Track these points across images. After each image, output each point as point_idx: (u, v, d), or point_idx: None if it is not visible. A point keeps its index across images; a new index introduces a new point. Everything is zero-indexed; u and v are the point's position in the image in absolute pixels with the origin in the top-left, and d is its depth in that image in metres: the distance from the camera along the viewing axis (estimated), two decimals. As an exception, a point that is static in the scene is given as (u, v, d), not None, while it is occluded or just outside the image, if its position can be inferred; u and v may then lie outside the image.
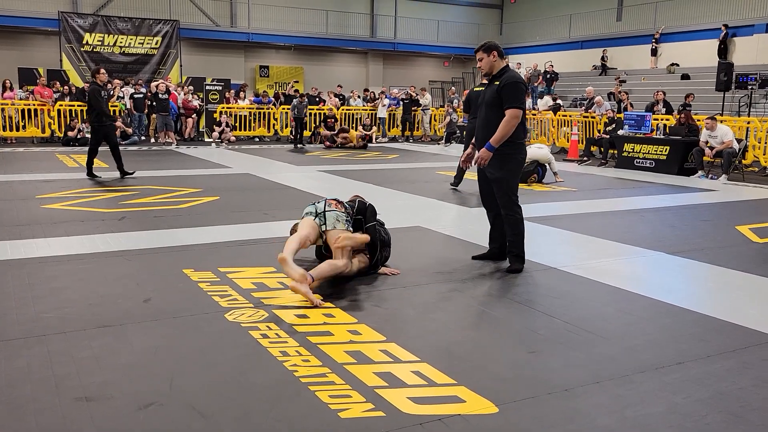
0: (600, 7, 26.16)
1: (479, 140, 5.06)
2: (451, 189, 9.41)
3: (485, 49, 5.00)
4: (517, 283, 4.78)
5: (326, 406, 2.80)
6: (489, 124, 4.94)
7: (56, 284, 4.42)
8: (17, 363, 3.14)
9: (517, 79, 4.94)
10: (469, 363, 3.31)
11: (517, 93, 4.85)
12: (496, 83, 4.93)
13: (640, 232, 6.78)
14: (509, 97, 4.84)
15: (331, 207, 4.70)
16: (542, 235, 6.50)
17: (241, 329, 3.68)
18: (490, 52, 4.98)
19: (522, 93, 4.91)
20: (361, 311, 4.03)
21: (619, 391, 3.00)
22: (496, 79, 4.96)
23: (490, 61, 4.99)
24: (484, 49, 5.00)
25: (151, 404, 2.77)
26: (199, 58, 24.63)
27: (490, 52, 4.97)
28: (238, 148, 15.84)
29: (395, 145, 18.13)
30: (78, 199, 7.90)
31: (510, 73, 4.99)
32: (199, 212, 7.13)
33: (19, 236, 5.80)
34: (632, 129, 13.42)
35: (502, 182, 5.00)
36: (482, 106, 5.11)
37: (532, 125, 17.38)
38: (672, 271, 5.26)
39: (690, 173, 12.05)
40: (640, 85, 21.53)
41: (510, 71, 5.01)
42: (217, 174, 10.76)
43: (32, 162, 11.94)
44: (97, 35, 21.87)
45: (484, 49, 5.01)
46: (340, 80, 24.69)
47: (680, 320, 4.02)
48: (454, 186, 9.48)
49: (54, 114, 16.35)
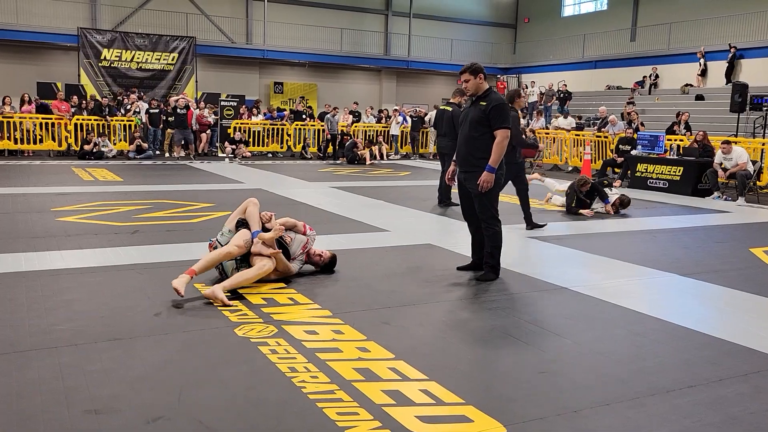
0: (614, 27, 26.22)
1: (461, 157, 5.34)
2: (442, 207, 9.38)
3: (472, 71, 5.23)
4: (527, 303, 4.76)
5: (333, 423, 2.79)
6: (470, 141, 5.22)
7: (69, 296, 4.46)
8: (29, 374, 3.17)
9: (504, 101, 5.25)
10: (478, 382, 3.30)
11: (505, 114, 5.13)
12: (482, 104, 5.16)
13: (652, 252, 6.74)
14: (498, 119, 5.10)
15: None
16: (554, 255, 6.48)
17: (251, 344, 3.69)
18: (477, 75, 5.22)
19: (508, 114, 5.21)
20: (370, 328, 4.02)
21: (629, 414, 2.97)
22: (482, 100, 5.20)
23: (477, 82, 5.24)
24: (471, 72, 5.23)
25: (159, 418, 2.78)
26: (215, 74, 24.92)
27: (477, 75, 5.22)
28: (252, 164, 15.96)
29: (407, 162, 18.18)
30: (92, 212, 7.99)
31: (495, 95, 5.24)
32: (210, 227, 7.17)
33: (34, 248, 5.87)
34: (645, 149, 13.38)
35: (483, 198, 5.20)
36: (465, 124, 5.32)
37: (545, 144, 17.37)
38: (684, 293, 5.22)
39: (704, 194, 11.97)
40: (653, 105, 21.48)
41: (494, 93, 5.26)
42: (230, 189, 10.84)
43: (48, 175, 12.09)
44: (115, 51, 22.21)
45: (471, 71, 5.23)
46: (353, 97, 24.84)
47: (692, 343, 3.98)
48: (445, 203, 9.46)
49: (71, 128, 16.57)
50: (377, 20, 29.05)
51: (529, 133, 16.38)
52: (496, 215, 5.28)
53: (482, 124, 5.13)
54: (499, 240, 5.29)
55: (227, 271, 4.82)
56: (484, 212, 5.25)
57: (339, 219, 8.05)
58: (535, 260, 6.25)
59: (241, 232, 4.86)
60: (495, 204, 5.29)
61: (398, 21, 29.15)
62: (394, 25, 29.10)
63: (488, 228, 5.27)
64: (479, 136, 5.15)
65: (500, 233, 5.30)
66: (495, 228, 5.26)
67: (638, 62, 24.61)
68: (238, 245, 4.74)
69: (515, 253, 6.40)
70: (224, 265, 4.82)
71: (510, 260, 6.05)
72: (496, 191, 5.29)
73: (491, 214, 5.25)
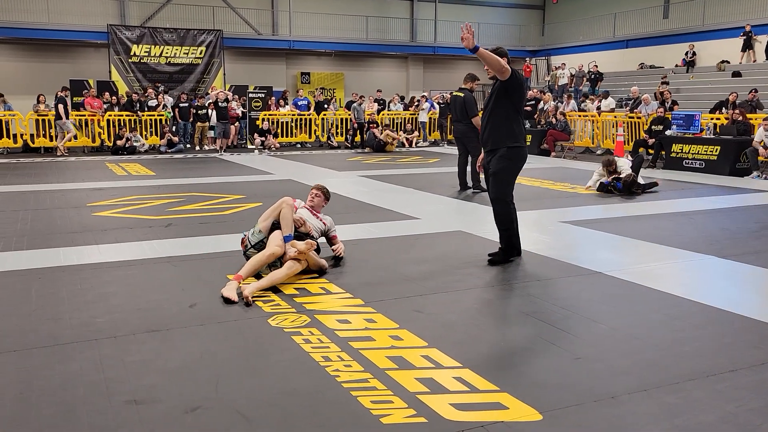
0: (646, 5, 25.58)
1: (484, 140, 5.40)
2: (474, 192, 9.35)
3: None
4: (560, 288, 4.71)
5: (368, 411, 2.80)
6: (492, 116, 5.29)
7: (107, 290, 4.55)
8: (70, 366, 3.25)
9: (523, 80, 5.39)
10: (512, 369, 3.27)
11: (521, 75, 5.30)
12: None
13: (689, 234, 6.60)
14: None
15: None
16: (587, 239, 6.38)
17: (284, 334, 3.72)
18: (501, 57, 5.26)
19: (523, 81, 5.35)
20: (403, 316, 4.02)
21: (669, 399, 2.92)
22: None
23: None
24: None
25: (197, 408, 2.82)
26: (242, 66, 25.08)
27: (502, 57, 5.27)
28: (281, 155, 16.06)
29: (436, 149, 18.09)
30: (127, 206, 8.13)
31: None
32: (242, 218, 7.24)
33: (72, 243, 6.00)
34: (680, 129, 13.08)
35: (497, 176, 5.28)
36: (490, 103, 5.36)
37: (576, 127, 17.09)
38: (723, 276, 5.10)
39: (742, 174, 11.67)
40: (688, 83, 20.96)
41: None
42: (259, 180, 10.92)
43: (83, 171, 12.34)
44: (144, 46, 22.49)
45: None
46: (380, 85, 24.77)
47: (732, 326, 3.89)
48: (476, 189, 9.43)
49: (104, 124, 16.87)
50: (403, 6, 28.84)
51: (559, 116, 16.14)
52: (506, 198, 5.31)
53: (503, 96, 5.24)
54: (507, 222, 5.32)
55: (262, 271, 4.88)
56: (495, 191, 5.31)
57: (369, 207, 8.05)
58: (568, 244, 6.17)
59: (275, 233, 4.93)
60: (507, 187, 5.33)
61: (424, 6, 28.89)
62: (420, 10, 28.86)
63: (494, 208, 5.34)
64: (500, 110, 5.25)
65: (506, 215, 5.31)
66: (501, 209, 5.30)
67: (672, 40, 23.99)
68: (279, 245, 4.84)
69: (547, 238, 6.33)
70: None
71: (542, 245, 5.99)
72: (513, 176, 5.34)
73: (500, 195, 5.29)
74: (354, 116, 18.09)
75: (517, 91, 5.23)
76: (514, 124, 5.27)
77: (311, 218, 5.31)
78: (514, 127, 5.26)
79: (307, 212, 5.34)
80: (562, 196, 9.26)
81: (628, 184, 9.16)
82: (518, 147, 5.28)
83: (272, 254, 4.78)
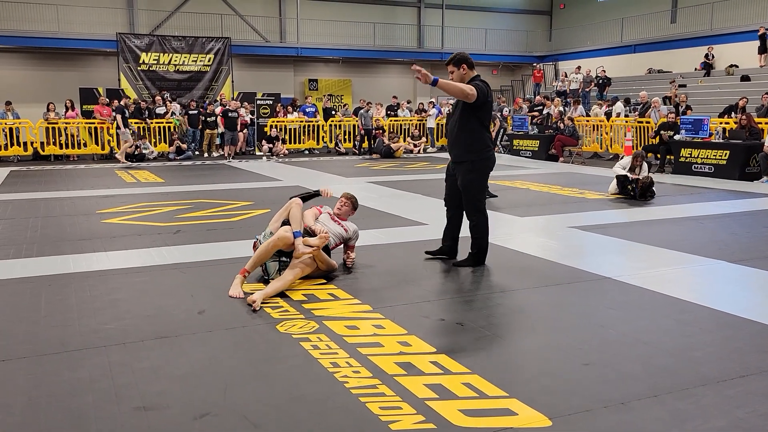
0: (653, 10, 25.53)
1: (450, 150, 5.41)
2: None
3: (455, 63, 5.21)
4: (569, 294, 4.69)
5: (377, 417, 2.80)
6: (458, 129, 5.20)
7: (116, 296, 4.57)
8: (79, 373, 3.26)
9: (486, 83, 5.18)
10: (521, 375, 3.26)
11: (485, 88, 5.07)
12: None
13: (699, 239, 6.56)
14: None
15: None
16: (596, 244, 6.36)
17: (292, 340, 3.72)
18: (459, 66, 5.19)
19: (488, 91, 5.13)
20: (411, 322, 4.02)
21: (679, 405, 2.90)
22: None
23: (461, 73, 5.18)
24: (454, 63, 5.21)
25: (206, 414, 2.83)
26: (250, 73, 25.20)
27: (460, 66, 5.19)
28: (288, 161, 16.10)
29: (444, 155, 18.07)
30: (135, 213, 8.17)
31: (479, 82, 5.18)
32: (251, 225, 7.26)
33: (81, 250, 6.03)
34: (689, 133, 13.02)
35: (468, 190, 5.27)
36: (455, 114, 5.29)
37: (584, 132, 17.05)
38: (734, 281, 5.07)
39: (752, 178, 11.60)
40: (697, 88, 20.87)
41: (480, 81, 5.17)
42: (268, 187, 10.95)
43: (92, 178, 12.41)
44: (153, 54, 22.65)
45: (453, 63, 5.22)
46: (388, 91, 24.79)
47: (743, 332, 3.86)
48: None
49: (113, 131, 16.97)
50: (410, 13, 28.91)
51: (567, 121, 16.11)
52: (481, 208, 5.32)
53: (468, 108, 5.11)
54: (483, 231, 5.34)
55: (270, 272, 4.88)
56: (468, 204, 5.32)
57: (377, 214, 8.06)
58: (577, 250, 6.15)
59: (283, 227, 4.90)
60: (480, 196, 5.34)
61: (431, 13, 28.96)
62: (427, 17, 28.92)
63: (471, 220, 5.33)
64: (466, 122, 5.16)
65: (484, 225, 5.32)
66: (478, 220, 5.29)
67: (680, 44, 23.92)
68: (287, 230, 4.80)
69: (556, 243, 6.31)
70: (267, 266, 4.88)
71: (551, 250, 5.97)
72: (482, 184, 5.36)
73: (475, 207, 5.30)
74: (361, 123, 18.15)
75: (482, 107, 5.14)
76: (478, 137, 5.21)
77: (330, 223, 5.28)
78: (478, 141, 5.21)
79: (327, 217, 5.34)
80: (570, 201, 9.24)
81: (645, 187, 9.15)
82: (482, 159, 5.26)
83: (279, 238, 4.73)
